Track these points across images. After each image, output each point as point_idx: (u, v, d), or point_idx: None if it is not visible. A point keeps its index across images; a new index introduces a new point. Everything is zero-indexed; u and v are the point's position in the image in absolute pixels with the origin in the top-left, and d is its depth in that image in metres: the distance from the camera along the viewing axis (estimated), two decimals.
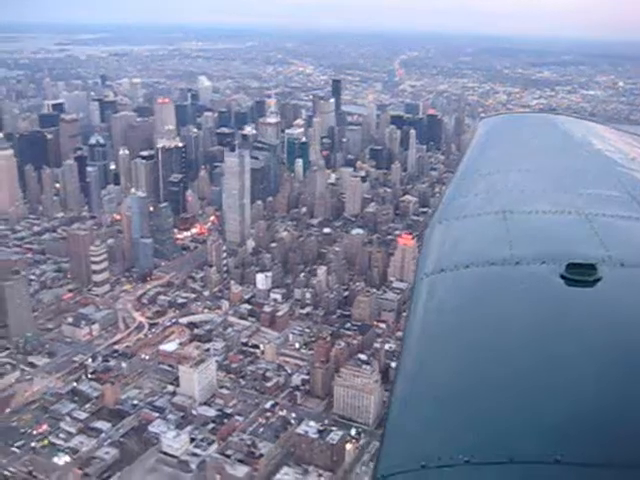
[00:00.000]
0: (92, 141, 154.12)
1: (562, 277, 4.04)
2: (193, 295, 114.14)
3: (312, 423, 79.94)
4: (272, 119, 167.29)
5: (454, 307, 4.18)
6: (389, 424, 3.42)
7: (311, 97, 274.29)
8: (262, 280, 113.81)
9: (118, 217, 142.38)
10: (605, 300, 4.02)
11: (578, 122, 9.19)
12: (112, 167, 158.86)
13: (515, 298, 4.08)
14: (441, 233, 5.23)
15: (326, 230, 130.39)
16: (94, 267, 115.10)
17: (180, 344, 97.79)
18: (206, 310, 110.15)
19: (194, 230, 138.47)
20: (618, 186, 5.90)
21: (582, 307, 3.99)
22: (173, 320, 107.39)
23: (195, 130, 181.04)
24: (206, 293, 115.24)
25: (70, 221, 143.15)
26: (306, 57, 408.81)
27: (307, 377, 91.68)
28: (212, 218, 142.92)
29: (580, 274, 4.02)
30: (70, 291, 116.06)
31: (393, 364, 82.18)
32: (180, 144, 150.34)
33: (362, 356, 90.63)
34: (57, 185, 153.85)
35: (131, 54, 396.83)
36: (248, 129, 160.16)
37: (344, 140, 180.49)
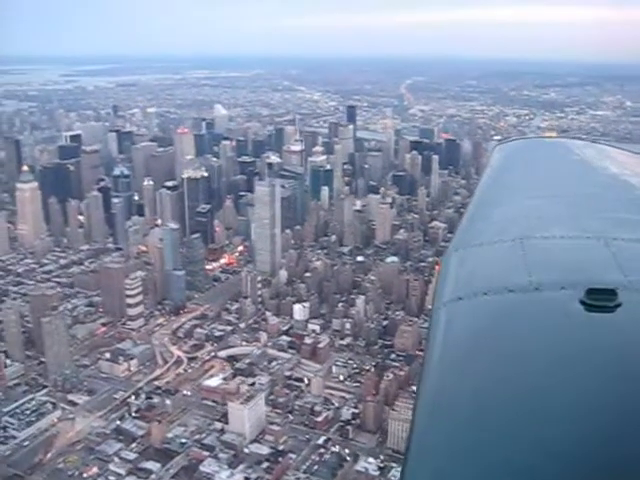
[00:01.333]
0: (116, 172, 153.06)
1: (582, 303, 3.90)
2: (229, 327, 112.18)
3: (371, 459, 77.73)
4: (296, 147, 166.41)
5: (473, 335, 4.06)
6: (410, 455, 3.36)
7: (322, 123, 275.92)
8: (300, 311, 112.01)
9: (144, 249, 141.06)
10: (626, 326, 3.89)
11: (594, 146, 9.01)
12: (134, 198, 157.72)
13: (535, 325, 3.99)
14: (458, 261, 5.10)
15: (359, 258, 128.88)
16: (129, 301, 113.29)
17: (224, 379, 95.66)
18: (244, 343, 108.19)
19: (222, 260, 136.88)
20: (637, 210, 5.84)
21: (603, 333, 3.86)
22: (212, 354, 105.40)
23: (215, 159, 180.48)
24: (242, 325, 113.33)
25: (96, 253, 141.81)
26: (312, 84, 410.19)
27: (357, 411, 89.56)
28: (240, 248, 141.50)
29: (600, 300, 3.89)
30: (103, 325, 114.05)
31: None
32: (205, 174, 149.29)
33: (414, 388, 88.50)
34: (80, 217, 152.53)
35: (138, 84, 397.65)
36: (273, 157, 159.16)
37: (366, 166, 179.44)
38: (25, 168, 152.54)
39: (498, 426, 3.28)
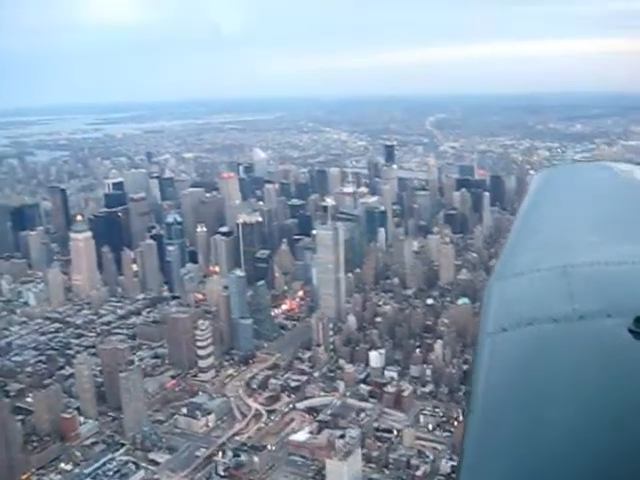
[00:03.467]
0: (169, 219, 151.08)
1: (630, 331, 3.79)
2: (304, 377, 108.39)
3: None
4: (348, 189, 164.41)
5: (519, 367, 4.01)
6: None
7: (354, 163, 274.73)
8: (376, 358, 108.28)
9: (201, 297, 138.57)
10: None
11: (636, 169, 8.55)
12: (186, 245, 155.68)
13: (582, 355, 3.91)
14: (501, 291, 5.01)
15: (429, 301, 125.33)
16: (200, 352, 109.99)
17: (310, 433, 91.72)
18: (322, 393, 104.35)
19: (284, 307, 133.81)
20: None
21: None
22: (290, 405, 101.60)
23: (260, 203, 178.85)
24: (316, 374, 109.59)
25: (152, 302, 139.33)
26: (337, 124, 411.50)
27: (455, 463, 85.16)
28: (300, 293, 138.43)
29: None
30: (173, 378, 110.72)
31: None
32: (260, 218, 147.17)
33: None
34: (133, 265, 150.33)
35: (165, 130, 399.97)
36: (327, 200, 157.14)
37: (415, 206, 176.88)
38: (79, 218, 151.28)
39: (549, 461, 3.16)
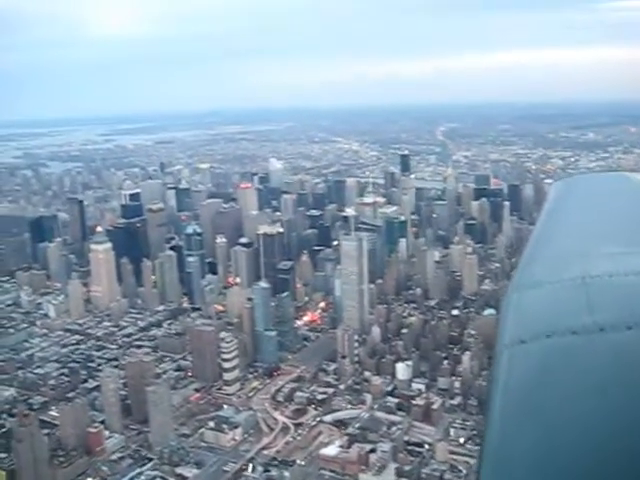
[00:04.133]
0: (189, 230, 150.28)
1: None
2: (330, 390, 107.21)
3: None
4: (369, 199, 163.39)
5: (538, 380, 3.90)
6: None
7: (367, 173, 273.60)
8: (403, 370, 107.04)
9: (221, 308, 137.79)
10: None
11: None
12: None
13: (602, 368, 3.80)
14: (519, 302, 4.85)
15: (454, 312, 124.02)
16: (225, 365, 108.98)
17: (340, 447, 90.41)
18: (349, 406, 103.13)
19: (306, 318, 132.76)
20: None
21: None
22: (317, 419, 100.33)
23: (278, 213, 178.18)
24: (342, 387, 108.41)
25: (173, 314, 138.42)
26: (347, 134, 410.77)
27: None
28: (322, 305, 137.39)
29: None
30: (196, 391, 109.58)
31: None
32: (280, 230, 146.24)
33: None
34: (152, 277, 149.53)
35: (176, 141, 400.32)
36: (348, 210, 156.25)
37: (434, 216, 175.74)
38: (99, 229, 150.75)
39: (568, 477, 3.13)
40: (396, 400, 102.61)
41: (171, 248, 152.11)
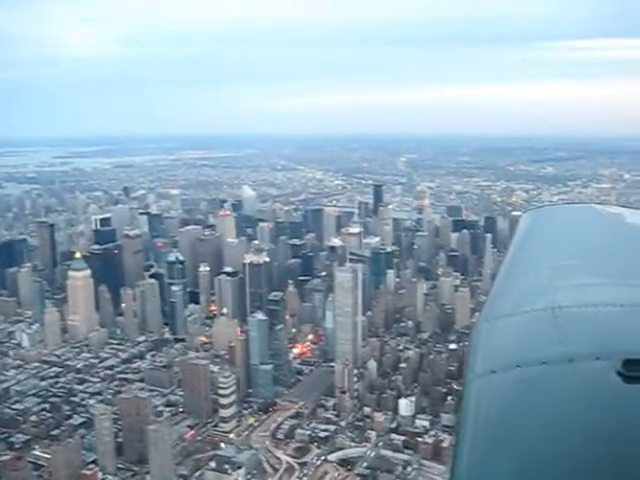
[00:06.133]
0: (171, 258, 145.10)
1: (619, 374, 3.79)
2: (331, 426, 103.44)
3: None
4: (355, 229, 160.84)
5: (508, 411, 3.94)
6: None
7: (334, 202, 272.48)
8: (406, 406, 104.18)
9: (204, 339, 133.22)
10: None
11: (624, 211, 8.42)
12: None
13: (570, 398, 3.90)
14: (488, 332, 4.94)
15: (452, 346, 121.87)
16: (222, 400, 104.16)
17: None
18: (352, 444, 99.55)
19: (295, 350, 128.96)
20: None
21: None
22: (322, 457, 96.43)
23: (256, 242, 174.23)
24: (343, 423, 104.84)
25: (155, 345, 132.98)
26: (309, 162, 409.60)
27: None
28: (310, 337, 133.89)
29: (638, 370, 3.80)
30: (190, 428, 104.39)
31: None
32: (267, 259, 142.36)
33: None
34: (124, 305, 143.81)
35: (135, 165, 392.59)
36: (335, 240, 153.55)
37: (415, 247, 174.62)
38: (78, 255, 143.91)
39: None
40: (402, 437, 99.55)
41: (151, 276, 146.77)
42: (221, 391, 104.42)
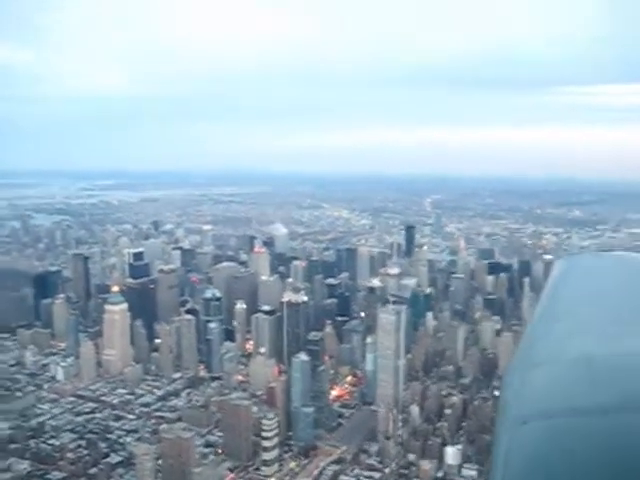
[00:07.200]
0: (208, 294, 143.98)
1: None
2: (376, 474, 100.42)
3: None
4: (394, 270, 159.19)
5: (540, 463, 3.79)
6: None
7: (363, 242, 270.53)
8: (453, 454, 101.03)
9: (241, 378, 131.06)
10: None
11: None
12: None
13: (604, 450, 3.73)
14: (520, 381, 4.76)
15: (496, 393, 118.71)
16: (265, 443, 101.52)
17: None
18: None
19: (334, 393, 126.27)
20: None
21: None
22: None
23: (290, 280, 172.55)
24: (387, 470, 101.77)
25: (191, 383, 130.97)
26: (334, 201, 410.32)
27: None
28: (349, 379, 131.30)
29: None
30: (230, 471, 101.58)
31: None
32: (305, 298, 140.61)
33: None
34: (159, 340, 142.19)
35: (162, 199, 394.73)
36: (374, 281, 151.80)
37: (451, 289, 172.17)
38: (115, 288, 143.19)
39: None
40: None
41: (187, 311, 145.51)
42: (264, 433, 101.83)
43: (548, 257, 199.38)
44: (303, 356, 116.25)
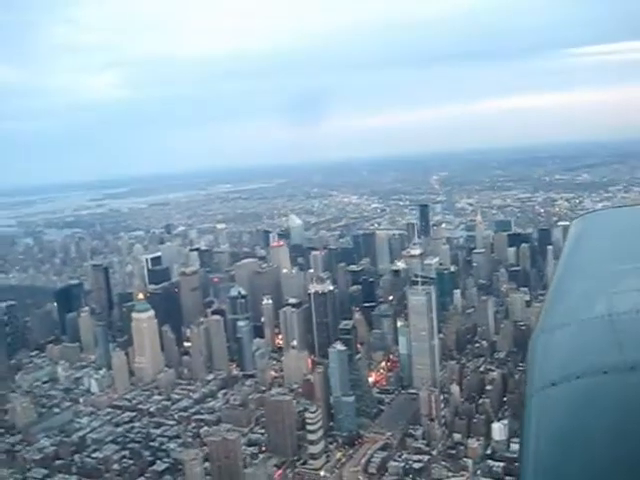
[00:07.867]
0: (233, 293, 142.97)
1: None
2: (424, 457, 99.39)
3: None
4: (416, 250, 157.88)
5: (571, 423, 3.86)
6: None
7: (376, 225, 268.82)
8: (499, 430, 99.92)
9: (274, 374, 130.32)
10: None
11: None
12: None
13: (634, 407, 3.74)
14: (546, 343, 4.79)
15: None
16: (310, 436, 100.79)
17: None
18: (450, 474, 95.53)
19: (370, 379, 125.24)
20: None
21: None
22: None
23: (311, 271, 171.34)
24: (434, 452, 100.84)
25: (226, 383, 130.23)
26: (342, 187, 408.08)
27: None
28: (383, 364, 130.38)
29: None
30: (277, 467, 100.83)
31: None
32: (331, 287, 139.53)
33: None
34: (188, 344, 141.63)
35: (170, 202, 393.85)
36: (399, 264, 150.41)
37: (474, 265, 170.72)
38: (140, 296, 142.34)
39: None
40: (500, 464, 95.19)
41: (213, 312, 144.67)
42: (308, 427, 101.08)
43: (563, 223, 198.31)
44: (339, 346, 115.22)
